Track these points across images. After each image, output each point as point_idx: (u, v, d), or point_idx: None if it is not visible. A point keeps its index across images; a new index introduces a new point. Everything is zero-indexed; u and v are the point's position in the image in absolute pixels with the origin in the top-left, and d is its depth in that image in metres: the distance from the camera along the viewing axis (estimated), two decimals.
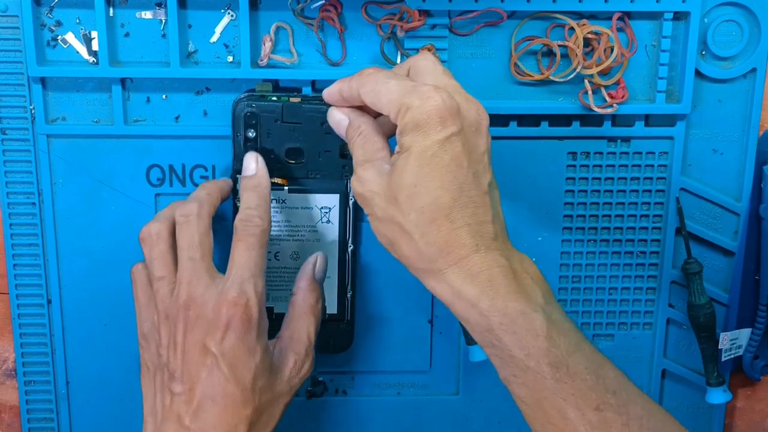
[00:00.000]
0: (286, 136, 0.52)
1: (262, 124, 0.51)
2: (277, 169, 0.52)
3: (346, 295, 0.56)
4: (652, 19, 0.57)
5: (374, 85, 0.45)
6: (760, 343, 0.62)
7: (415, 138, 0.43)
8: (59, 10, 0.55)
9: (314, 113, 0.51)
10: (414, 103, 0.42)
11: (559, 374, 0.41)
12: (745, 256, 0.61)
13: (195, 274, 0.48)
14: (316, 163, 0.53)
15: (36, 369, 0.61)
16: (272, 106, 0.51)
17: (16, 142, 0.57)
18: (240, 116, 0.52)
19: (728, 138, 0.59)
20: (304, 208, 0.54)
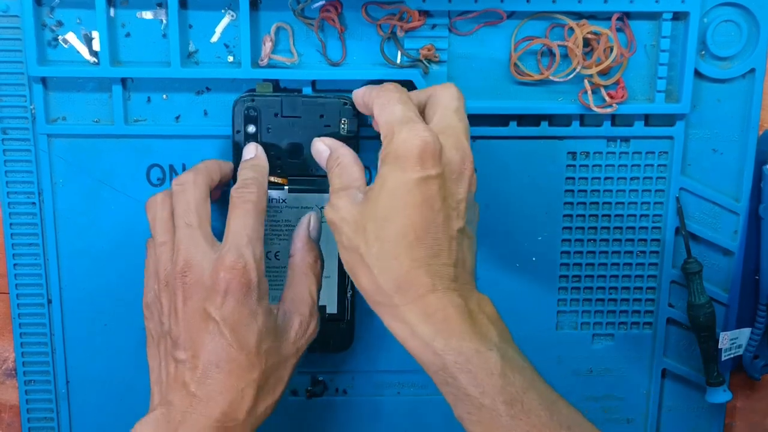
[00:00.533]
0: (286, 131, 0.52)
1: (262, 119, 0.52)
2: (277, 166, 0.52)
3: (346, 295, 0.55)
4: (651, 19, 0.57)
5: (385, 102, 0.46)
6: (760, 343, 0.62)
7: (392, 170, 0.43)
8: (60, 10, 0.55)
9: (313, 106, 0.52)
10: (401, 135, 0.43)
11: (513, 411, 0.41)
12: (745, 255, 0.61)
13: (192, 240, 0.47)
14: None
15: (36, 369, 0.61)
16: (272, 99, 0.52)
17: (16, 141, 0.57)
18: (240, 111, 0.52)
19: (728, 138, 0.59)
20: (304, 208, 0.53)
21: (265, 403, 0.48)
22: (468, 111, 0.57)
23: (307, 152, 0.51)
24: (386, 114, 0.45)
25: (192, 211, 0.48)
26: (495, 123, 0.58)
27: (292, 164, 0.52)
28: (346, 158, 0.48)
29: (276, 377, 0.48)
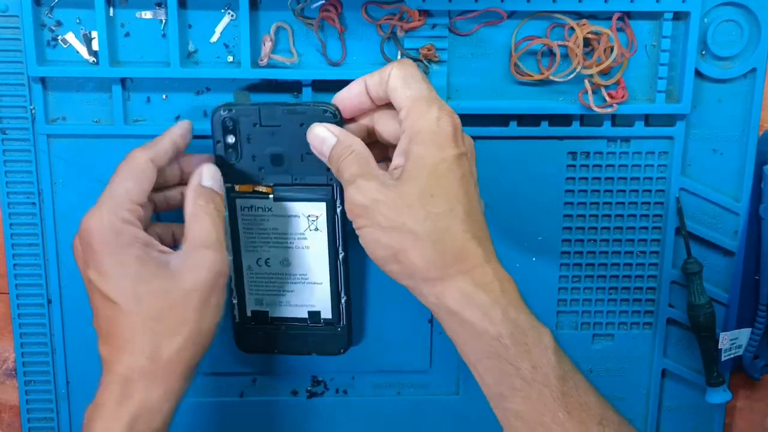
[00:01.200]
0: (267, 141, 0.50)
1: (240, 129, 0.50)
2: (261, 176, 0.52)
3: (340, 301, 0.55)
4: (652, 19, 0.57)
5: (409, 77, 0.45)
6: (760, 343, 0.62)
7: (428, 149, 0.44)
8: (59, 10, 0.55)
9: (293, 114, 0.50)
10: (434, 113, 0.44)
11: (566, 387, 0.42)
12: (745, 256, 0.61)
13: (95, 205, 0.48)
14: (299, 167, 0.51)
15: (36, 369, 0.61)
16: (249, 109, 0.50)
17: (16, 142, 0.57)
18: (218, 122, 0.50)
19: (728, 138, 0.59)
20: (291, 216, 0.53)
21: (171, 345, 0.46)
22: (468, 111, 0.57)
23: (289, 161, 0.51)
24: (413, 89, 0.45)
25: (113, 178, 0.48)
26: (495, 123, 0.58)
27: (275, 173, 0.51)
28: (360, 146, 0.47)
29: (174, 317, 0.46)
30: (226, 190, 0.51)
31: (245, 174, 0.52)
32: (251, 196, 0.52)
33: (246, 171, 0.52)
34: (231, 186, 0.52)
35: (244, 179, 0.52)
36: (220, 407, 0.62)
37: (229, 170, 0.51)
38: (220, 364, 0.61)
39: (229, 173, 0.51)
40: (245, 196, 0.52)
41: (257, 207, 0.52)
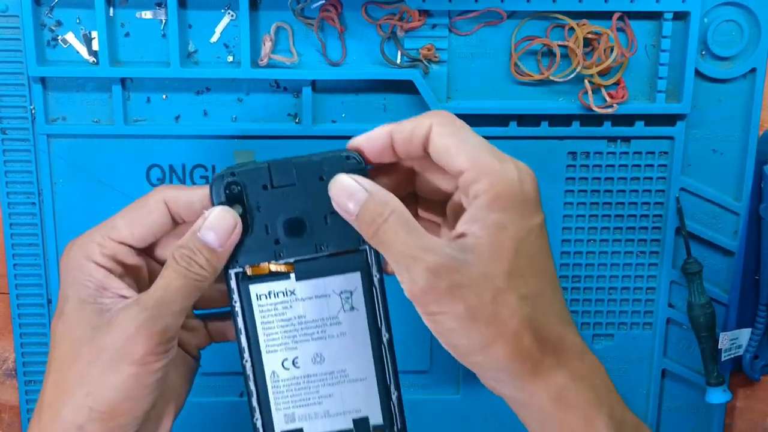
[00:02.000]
0: (281, 206, 0.40)
1: (248, 195, 0.40)
2: (277, 251, 0.41)
3: (390, 398, 0.43)
4: (652, 19, 0.57)
5: (459, 131, 0.37)
6: (760, 343, 0.62)
7: (512, 218, 0.35)
8: (59, 9, 0.55)
9: (309, 167, 0.40)
10: (511, 174, 0.36)
11: None
12: (745, 255, 0.61)
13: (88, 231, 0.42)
14: (324, 231, 0.40)
15: (36, 369, 0.61)
16: (256, 170, 0.40)
17: (16, 141, 0.57)
18: (220, 191, 0.39)
19: (728, 138, 0.59)
20: (319, 297, 0.42)
21: (66, 404, 0.38)
22: (468, 111, 0.57)
23: (310, 227, 0.40)
24: (472, 146, 0.36)
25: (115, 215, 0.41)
26: (495, 123, 0.58)
27: (294, 245, 0.40)
28: (398, 204, 0.37)
29: (75, 373, 0.38)
30: (236, 276, 0.40)
31: (258, 251, 0.40)
32: (267, 279, 0.41)
33: (259, 247, 0.40)
34: (242, 270, 0.40)
35: (256, 258, 0.40)
36: (220, 407, 0.62)
37: (238, 249, 0.40)
38: (220, 364, 0.61)
39: (237, 253, 0.40)
40: (260, 281, 0.41)
41: (277, 292, 0.41)
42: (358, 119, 0.58)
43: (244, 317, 0.41)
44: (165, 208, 0.39)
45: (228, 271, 0.40)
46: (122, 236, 0.39)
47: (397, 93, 0.57)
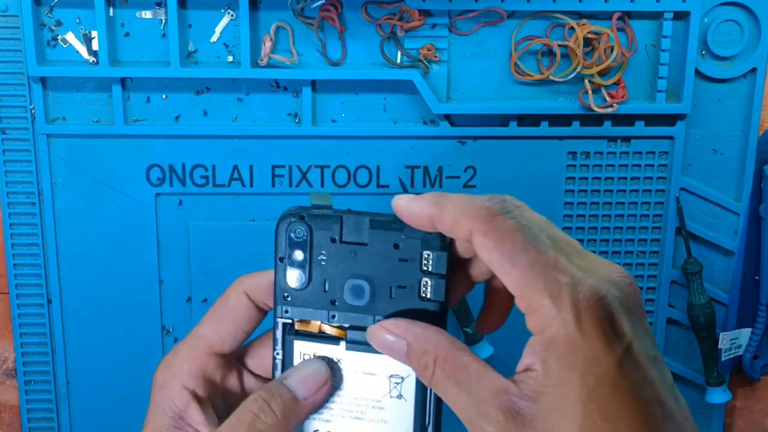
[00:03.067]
0: (347, 264, 0.36)
1: (314, 243, 0.36)
2: (331, 312, 0.37)
3: None
4: (652, 19, 0.57)
5: (505, 237, 0.29)
6: (760, 343, 0.62)
7: (574, 366, 0.27)
8: (59, 9, 0.55)
9: (386, 230, 0.35)
10: (567, 312, 0.27)
11: None
12: (745, 255, 0.61)
13: (178, 344, 0.40)
14: (386, 304, 0.36)
15: (36, 369, 0.61)
16: (329, 218, 0.36)
17: (16, 141, 0.57)
18: (284, 232, 0.36)
19: (728, 138, 0.59)
20: (366, 374, 0.37)
21: None
22: (468, 111, 0.57)
23: (372, 294, 0.36)
24: (521, 268, 0.28)
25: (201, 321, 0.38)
26: (495, 123, 0.58)
27: (351, 310, 0.36)
28: (446, 354, 0.31)
29: None
30: (283, 326, 0.36)
31: (311, 307, 0.37)
32: (315, 338, 0.37)
33: (313, 303, 0.37)
34: (290, 322, 0.37)
35: (308, 313, 0.37)
36: None
37: (291, 300, 0.37)
38: None
39: (289, 304, 0.37)
40: (307, 338, 0.37)
41: (321, 356, 0.37)
42: (358, 119, 0.58)
43: (282, 371, 0.37)
44: (247, 300, 0.37)
45: (275, 319, 0.37)
46: (210, 344, 0.37)
47: (397, 93, 0.57)
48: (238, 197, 0.59)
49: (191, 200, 0.58)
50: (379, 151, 0.58)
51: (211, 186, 0.58)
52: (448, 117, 0.57)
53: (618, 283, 0.28)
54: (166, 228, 0.59)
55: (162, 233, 0.59)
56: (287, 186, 0.58)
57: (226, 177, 0.58)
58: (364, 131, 0.58)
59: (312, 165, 0.58)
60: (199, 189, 0.58)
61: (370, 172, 0.58)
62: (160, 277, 0.59)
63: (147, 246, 0.59)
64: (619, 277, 0.28)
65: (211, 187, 0.58)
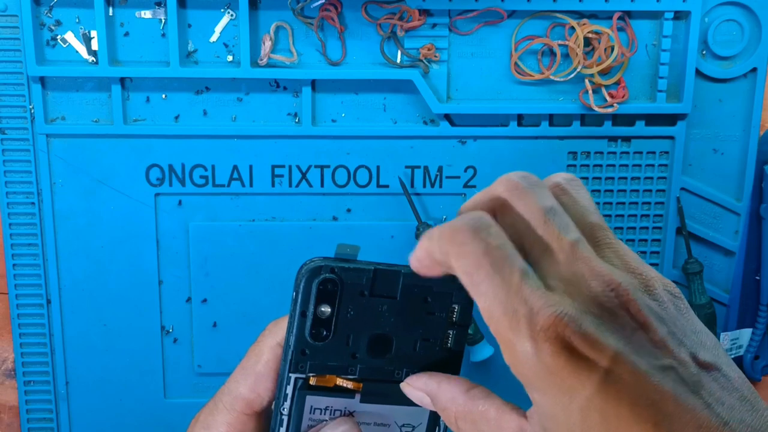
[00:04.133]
0: (372, 317, 0.35)
1: (343, 297, 0.34)
2: (350, 366, 0.35)
3: None
4: (652, 19, 0.57)
5: (466, 268, 0.27)
6: (761, 344, 0.62)
7: (552, 399, 0.26)
8: (59, 9, 0.55)
9: (418, 284, 0.34)
10: (524, 344, 0.25)
11: None
12: (746, 256, 0.60)
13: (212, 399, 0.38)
14: (409, 357, 0.35)
15: (35, 369, 0.60)
16: (360, 270, 0.34)
17: (15, 141, 0.57)
18: (311, 283, 0.34)
19: (729, 138, 0.59)
20: (378, 426, 0.37)
21: None
22: (468, 111, 0.57)
23: (397, 347, 0.35)
24: (483, 297, 0.26)
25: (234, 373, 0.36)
26: (495, 123, 0.58)
27: (370, 363, 0.35)
28: (466, 413, 0.31)
29: None
30: (296, 382, 0.34)
31: (330, 361, 0.35)
32: (329, 393, 0.35)
33: (332, 357, 0.35)
34: (304, 378, 0.35)
35: (325, 368, 0.35)
36: None
37: (309, 354, 0.35)
38: (220, 364, 0.61)
39: (307, 357, 0.34)
40: (321, 393, 0.35)
41: (335, 410, 0.36)
42: (358, 119, 0.58)
43: (287, 429, 0.35)
44: (281, 352, 0.35)
45: (287, 374, 0.35)
46: (250, 402, 0.35)
47: (397, 93, 0.57)
48: (237, 197, 0.58)
49: (191, 200, 0.58)
50: (379, 151, 0.58)
51: (210, 186, 0.58)
52: (448, 117, 0.57)
53: (596, 297, 0.25)
54: (166, 228, 0.59)
55: (161, 233, 0.59)
56: (287, 186, 0.58)
57: (226, 177, 0.58)
58: (364, 131, 0.57)
59: (312, 165, 0.58)
60: (198, 189, 0.58)
61: (370, 172, 0.58)
62: (160, 277, 0.59)
63: (146, 246, 0.58)
64: (600, 287, 0.25)
65: (211, 187, 0.58)
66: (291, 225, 0.59)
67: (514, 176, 0.29)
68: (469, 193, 0.59)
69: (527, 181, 0.28)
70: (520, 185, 0.28)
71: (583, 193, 0.29)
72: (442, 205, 0.59)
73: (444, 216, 0.60)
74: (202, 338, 0.60)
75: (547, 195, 0.28)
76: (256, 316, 0.60)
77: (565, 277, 0.26)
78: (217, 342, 0.60)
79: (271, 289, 0.59)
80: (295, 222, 0.59)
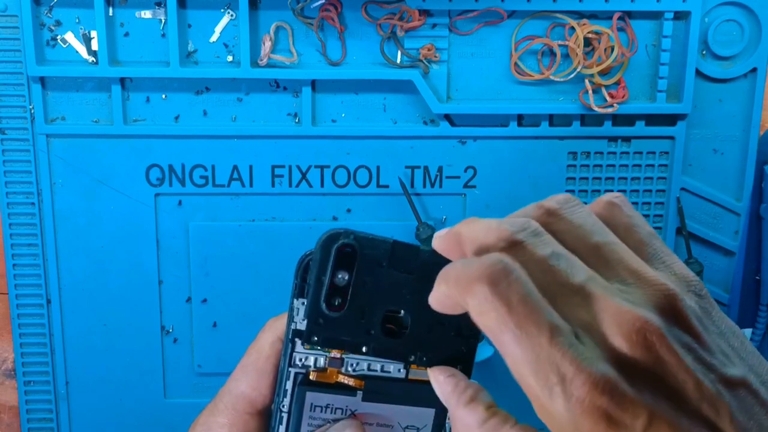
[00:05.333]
0: (390, 293, 0.34)
1: (360, 266, 0.33)
2: (364, 342, 0.34)
3: None
4: (652, 19, 0.57)
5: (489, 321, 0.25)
6: (761, 344, 0.62)
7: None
8: (59, 9, 0.55)
9: (437, 262, 0.31)
10: (559, 402, 0.24)
11: None
12: (746, 256, 0.60)
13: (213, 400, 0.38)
14: (424, 339, 0.34)
15: (35, 369, 0.60)
16: (378, 241, 0.34)
17: (15, 141, 0.57)
18: (330, 249, 0.33)
19: (729, 138, 0.59)
20: (381, 426, 0.35)
21: None
22: (468, 111, 0.57)
23: (412, 329, 0.34)
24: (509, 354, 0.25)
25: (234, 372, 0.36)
26: (495, 123, 0.58)
27: (383, 342, 0.34)
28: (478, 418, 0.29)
29: None
30: (295, 377, 0.34)
31: (344, 335, 0.34)
32: (330, 390, 0.34)
33: (346, 331, 0.34)
34: (304, 373, 0.34)
35: (338, 343, 0.34)
36: None
37: (323, 324, 0.33)
38: (220, 364, 0.61)
39: (321, 328, 0.33)
40: (321, 389, 0.34)
41: (335, 408, 0.35)
42: (358, 119, 0.58)
43: (287, 428, 0.34)
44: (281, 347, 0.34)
45: (287, 369, 0.34)
46: (252, 401, 0.34)
47: (397, 93, 0.57)
48: (237, 197, 0.58)
49: (191, 200, 0.58)
50: (379, 151, 0.58)
51: (210, 186, 0.58)
52: (448, 117, 0.57)
53: (623, 342, 0.24)
54: (166, 228, 0.59)
55: (161, 233, 0.59)
56: (287, 186, 0.58)
57: (226, 177, 0.58)
58: (364, 131, 0.57)
59: (312, 165, 0.58)
60: (198, 189, 0.58)
61: (370, 172, 0.58)
62: (160, 277, 0.59)
63: (146, 246, 0.58)
64: (625, 331, 0.24)
65: (211, 187, 0.58)
66: (291, 225, 0.59)
67: (505, 231, 0.27)
68: (469, 193, 0.59)
69: (519, 234, 0.27)
70: (512, 240, 0.26)
71: (577, 215, 0.28)
72: (442, 205, 0.59)
73: (444, 217, 0.60)
74: (202, 338, 0.60)
75: (544, 242, 0.26)
76: (256, 316, 0.60)
77: (587, 322, 0.25)
78: (217, 342, 0.60)
79: (271, 289, 0.59)
80: (295, 222, 0.59)
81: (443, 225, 0.59)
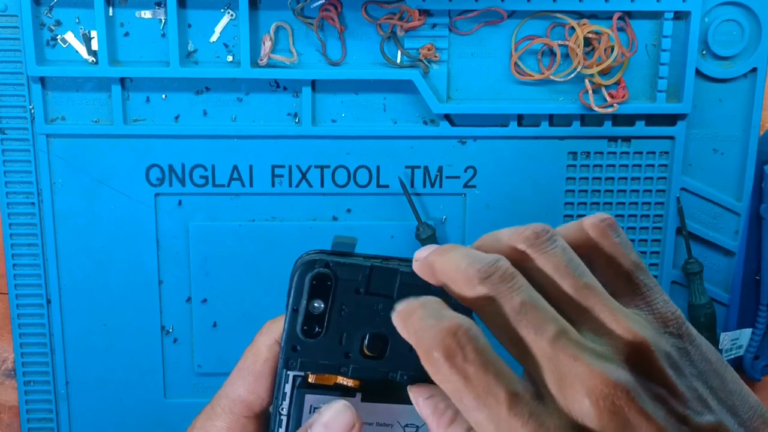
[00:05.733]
0: (368, 316, 0.34)
1: (336, 293, 0.33)
2: (343, 365, 0.34)
3: None
4: (652, 19, 0.57)
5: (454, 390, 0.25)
6: (761, 344, 0.62)
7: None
8: (59, 9, 0.55)
9: (416, 284, 0.33)
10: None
11: None
12: (746, 256, 0.60)
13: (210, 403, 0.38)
14: (404, 359, 0.34)
15: (35, 369, 0.60)
16: (357, 267, 0.34)
17: (15, 141, 0.57)
18: (304, 277, 0.33)
19: (729, 138, 0.59)
20: (381, 426, 0.36)
21: None
22: (468, 111, 0.57)
23: (393, 348, 0.34)
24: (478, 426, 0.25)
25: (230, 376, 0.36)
26: (495, 123, 0.58)
27: (363, 364, 0.34)
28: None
29: None
30: (294, 380, 0.34)
31: (322, 359, 0.34)
32: (329, 392, 0.34)
33: (324, 355, 0.34)
34: (303, 376, 0.35)
35: (317, 367, 0.34)
36: None
37: (300, 350, 0.34)
38: (220, 364, 0.61)
39: (298, 354, 0.34)
40: (320, 392, 0.34)
41: None
42: (358, 119, 0.58)
43: (286, 430, 0.34)
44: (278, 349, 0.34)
45: (285, 371, 0.34)
46: (250, 405, 0.34)
47: (397, 93, 0.57)
48: (237, 197, 0.58)
49: (191, 200, 0.58)
50: (379, 151, 0.58)
51: (210, 186, 0.58)
52: (448, 117, 0.57)
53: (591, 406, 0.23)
54: (166, 228, 0.59)
55: (161, 233, 0.59)
56: (287, 186, 0.58)
57: (226, 177, 0.58)
58: (364, 131, 0.58)
59: (312, 165, 0.58)
60: (198, 189, 0.58)
61: (370, 172, 0.58)
62: (160, 277, 0.59)
63: (146, 246, 0.59)
64: (593, 395, 0.23)
65: (211, 187, 0.58)
66: (291, 225, 0.59)
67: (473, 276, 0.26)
68: (469, 193, 0.59)
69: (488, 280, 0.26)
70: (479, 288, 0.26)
71: (551, 253, 0.27)
72: (442, 205, 0.59)
73: (444, 216, 0.59)
74: (202, 338, 0.60)
75: (513, 289, 0.25)
76: (256, 316, 0.60)
77: (553, 382, 0.24)
78: (217, 342, 0.60)
79: (271, 289, 0.59)
80: (295, 222, 0.59)
81: (443, 225, 0.59)
